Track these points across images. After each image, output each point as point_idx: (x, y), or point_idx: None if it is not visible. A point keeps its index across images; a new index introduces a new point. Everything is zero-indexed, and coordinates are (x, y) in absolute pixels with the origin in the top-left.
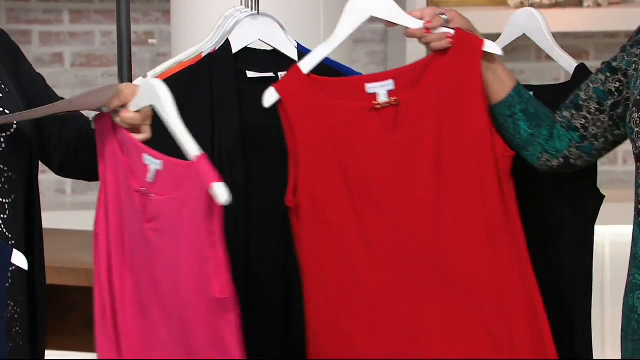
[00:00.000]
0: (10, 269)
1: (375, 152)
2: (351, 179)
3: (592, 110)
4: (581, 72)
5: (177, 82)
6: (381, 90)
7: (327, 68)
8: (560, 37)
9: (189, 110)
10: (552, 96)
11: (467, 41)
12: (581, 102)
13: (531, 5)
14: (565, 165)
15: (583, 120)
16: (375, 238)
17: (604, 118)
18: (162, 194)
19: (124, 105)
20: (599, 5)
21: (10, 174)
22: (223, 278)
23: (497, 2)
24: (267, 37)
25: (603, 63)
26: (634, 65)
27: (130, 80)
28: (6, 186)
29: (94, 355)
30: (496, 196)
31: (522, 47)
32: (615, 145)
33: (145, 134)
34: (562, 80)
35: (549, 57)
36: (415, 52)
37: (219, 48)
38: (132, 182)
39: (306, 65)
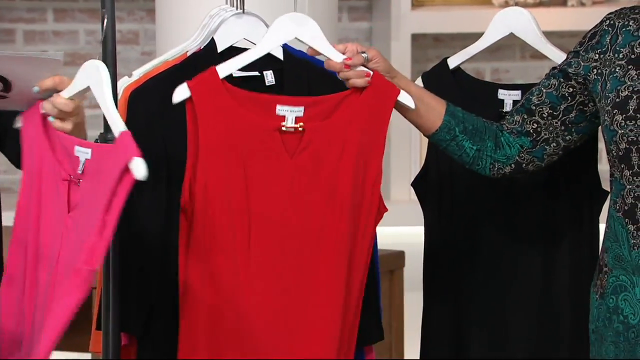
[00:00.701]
0: None
1: (273, 172)
2: (250, 190)
3: (544, 115)
4: None
5: (162, 81)
6: (290, 115)
7: (308, 63)
8: (545, 36)
9: (175, 109)
10: None
11: (384, 88)
12: (533, 107)
13: (516, 4)
14: (517, 171)
15: (535, 125)
16: (259, 259)
17: (556, 123)
18: (88, 180)
19: (57, 91)
20: (582, 4)
21: None
22: (98, 252)
23: (481, 1)
24: (252, 36)
25: (554, 68)
26: (595, 70)
27: (115, 80)
28: None
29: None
30: (367, 243)
31: (506, 47)
32: (565, 150)
33: (68, 126)
34: None
35: (533, 57)
36: (400, 52)
37: (204, 47)
38: (61, 173)
39: (224, 69)
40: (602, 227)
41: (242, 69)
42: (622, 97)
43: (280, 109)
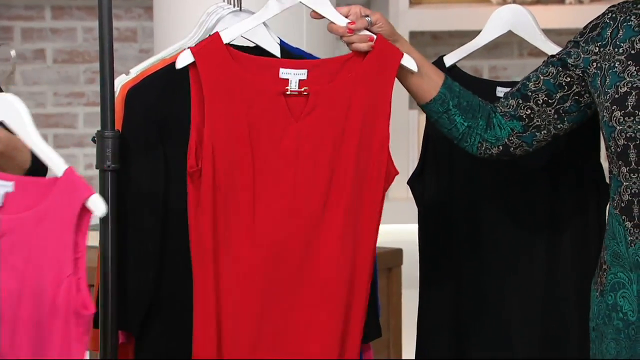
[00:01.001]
0: None
1: (278, 136)
2: (256, 154)
3: (539, 102)
4: None
5: (160, 79)
6: (293, 78)
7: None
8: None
9: (174, 108)
10: None
11: (387, 50)
12: (529, 93)
13: (513, 1)
14: (504, 153)
15: (529, 110)
16: (263, 224)
17: (550, 111)
18: (13, 212)
19: None
20: (580, 2)
21: None
22: (85, 294)
23: None
24: (249, 33)
25: (552, 56)
26: (594, 63)
27: (113, 77)
28: None
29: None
30: (377, 206)
31: (504, 44)
32: (555, 138)
33: None
34: None
35: (531, 54)
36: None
37: None
38: None
39: (227, 35)
40: None
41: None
42: (621, 93)
43: (284, 72)
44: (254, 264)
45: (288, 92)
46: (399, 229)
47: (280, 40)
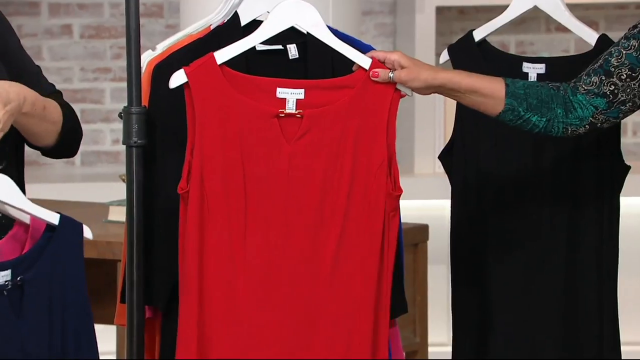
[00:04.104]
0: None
1: (271, 160)
2: (248, 179)
3: (623, 77)
4: (604, 42)
5: (186, 54)
6: (291, 97)
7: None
8: (570, 9)
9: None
10: (569, 67)
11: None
12: (612, 69)
13: None
14: (592, 129)
15: (613, 86)
16: (255, 248)
17: (635, 84)
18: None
19: None
20: None
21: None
22: None
23: None
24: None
25: (634, 27)
26: None
27: (139, 53)
28: None
29: (103, 327)
30: (378, 231)
31: (531, 19)
32: (639, 109)
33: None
34: (572, 52)
35: (558, 29)
36: (425, 25)
37: (228, 21)
38: None
39: (222, 55)
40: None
41: (265, 42)
42: None
43: (281, 92)
44: (245, 288)
45: (282, 115)
46: (425, 204)
47: None
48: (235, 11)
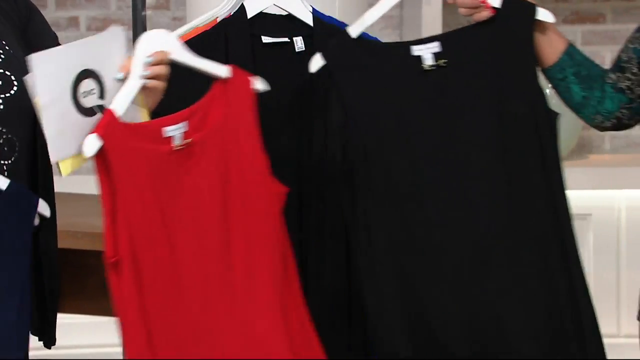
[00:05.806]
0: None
1: (177, 196)
2: (169, 225)
3: (634, 71)
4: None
5: (192, 47)
6: (176, 133)
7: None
8: (577, 1)
9: (204, 76)
10: (470, 38)
11: (240, 78)
12: (623, 64)
13: None
14: (619, 125)
15: (627, 82)
16: (186, 290)
17: None
18: None
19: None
20: None
21: (9, 135)
22: None
23: None
24: (282, 2)
25: None
26: None
27: None
28: (5, 148)
29: (109, 319)
30: (272, 231)
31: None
32: None
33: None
34: None
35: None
36: (431, 16)
37: (234, 13)
38: None
39: (118, 107)
40: (618, 192)
41: (273, 35)
42: None
43: (166, 131)
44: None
45: (175, 149)
46: None
47: (313, 9)
48: (242, 3)
